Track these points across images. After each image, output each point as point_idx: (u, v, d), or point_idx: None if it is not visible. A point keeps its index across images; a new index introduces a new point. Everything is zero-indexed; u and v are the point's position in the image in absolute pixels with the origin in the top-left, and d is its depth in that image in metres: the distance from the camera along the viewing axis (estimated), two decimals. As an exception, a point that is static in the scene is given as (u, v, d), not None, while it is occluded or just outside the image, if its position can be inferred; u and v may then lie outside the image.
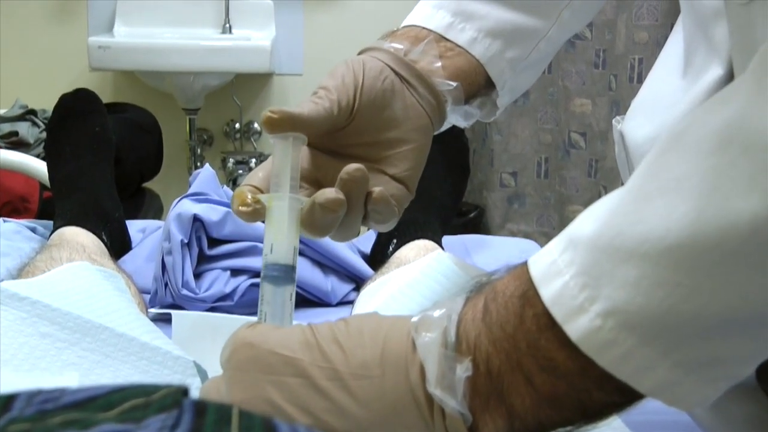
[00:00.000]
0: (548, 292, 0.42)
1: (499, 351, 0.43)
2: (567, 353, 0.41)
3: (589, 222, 0.42)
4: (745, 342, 0.40)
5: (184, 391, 0.32)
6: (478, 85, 0.67)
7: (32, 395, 0.32)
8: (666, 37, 0.66)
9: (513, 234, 2.52)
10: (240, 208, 0.55)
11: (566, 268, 0.42)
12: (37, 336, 0.66)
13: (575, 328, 0.41)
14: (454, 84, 0.63)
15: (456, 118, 0.68)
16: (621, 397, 0.42)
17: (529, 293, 0.43)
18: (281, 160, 0.54)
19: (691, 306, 0.39)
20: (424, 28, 0.66)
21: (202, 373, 0.71)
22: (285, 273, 0.52)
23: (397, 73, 0.61)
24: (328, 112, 0.56)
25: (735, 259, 0.38)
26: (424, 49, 0.63)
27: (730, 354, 0.41)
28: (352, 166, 0.55)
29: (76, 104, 1.19)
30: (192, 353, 0.73)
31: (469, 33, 0.65)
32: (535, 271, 0.43)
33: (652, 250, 0.39)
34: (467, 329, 0.45)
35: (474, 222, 2.60)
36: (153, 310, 0.94)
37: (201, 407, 0.31)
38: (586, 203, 2.54)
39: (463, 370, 0.43)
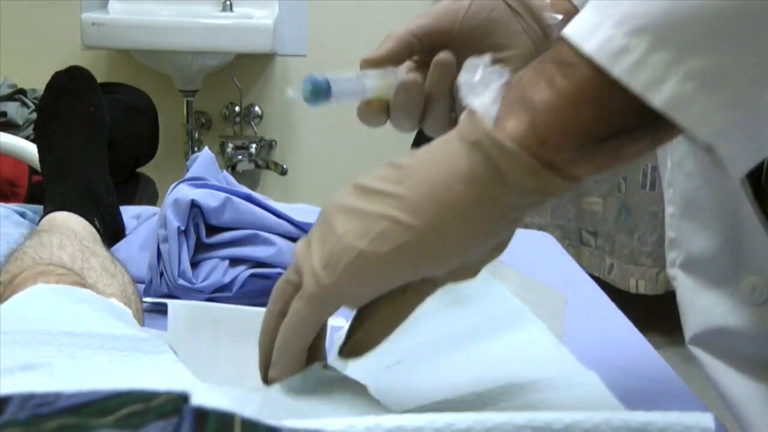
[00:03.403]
0: (571, 29, 0.47)
1: (527, 69, 0.49)
2: (586, 66, 0.46)
3: None
4: (753, 53, 0.44)
5: (184, 398, 0.32)
6: None
7: (26, 399, 0.32)
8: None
9: (526, 226, 2.51)
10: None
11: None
12: None
13: (591, 43, 0.45)
14: (560, 17, 0.66)
15: None
16: (638, 120, 0.46)
17: (563, 50, 0.48)
18: None
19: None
20: None
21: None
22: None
23: (506, 3, 0.65)
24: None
25: None
26: None
27: (740, 70, 0.44)
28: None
29: (70, 83, 1.19)
30: (189, 345, 0.72)
31: None
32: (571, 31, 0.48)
33: None
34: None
35: (486, 214, 2.59)
36: (148, 300, 0.95)
37: (201, 414, 0.31)
38: (606, 195, 2.54)
39: (499, 75, 0.50)
